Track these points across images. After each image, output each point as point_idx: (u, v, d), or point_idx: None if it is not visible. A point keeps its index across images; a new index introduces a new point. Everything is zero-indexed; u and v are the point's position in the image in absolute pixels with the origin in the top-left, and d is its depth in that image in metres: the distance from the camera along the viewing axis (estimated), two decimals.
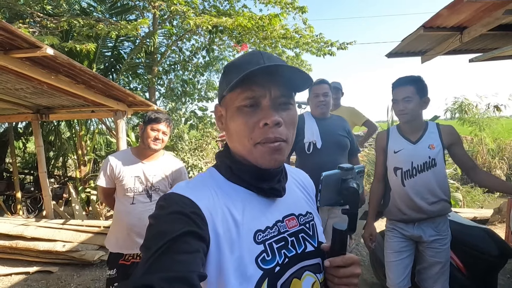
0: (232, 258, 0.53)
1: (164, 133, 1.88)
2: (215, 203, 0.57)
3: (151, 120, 1.86)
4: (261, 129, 0.57)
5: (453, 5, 2.33)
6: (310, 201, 0.72)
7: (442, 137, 1.65)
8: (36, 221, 3.90)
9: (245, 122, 0.57)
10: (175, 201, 0.54)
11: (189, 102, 6.16)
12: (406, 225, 1.70)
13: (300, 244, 0.62)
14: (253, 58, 0.59)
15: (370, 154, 6.24)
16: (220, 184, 0.62)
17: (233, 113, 0.59)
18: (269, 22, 4.91)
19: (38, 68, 2.53)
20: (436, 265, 1.64)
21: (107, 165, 1.88)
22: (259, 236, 0.57)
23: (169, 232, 0.48)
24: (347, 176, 0.66)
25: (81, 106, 3.87)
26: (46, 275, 3.24)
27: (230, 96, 0.60)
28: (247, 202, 0.60)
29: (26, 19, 4.35)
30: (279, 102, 0.58)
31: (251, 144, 0.58)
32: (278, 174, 0.64)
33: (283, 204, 0.64)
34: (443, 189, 1.65)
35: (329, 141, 2.07)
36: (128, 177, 1.85)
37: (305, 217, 0.66)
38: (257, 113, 0.57)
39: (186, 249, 0.47)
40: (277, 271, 0.56)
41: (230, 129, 0.61)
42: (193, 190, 0.57)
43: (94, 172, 5.48)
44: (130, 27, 3.95)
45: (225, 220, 0.56)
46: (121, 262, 1.87)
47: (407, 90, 1.62)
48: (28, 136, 5.88)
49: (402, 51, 3.47)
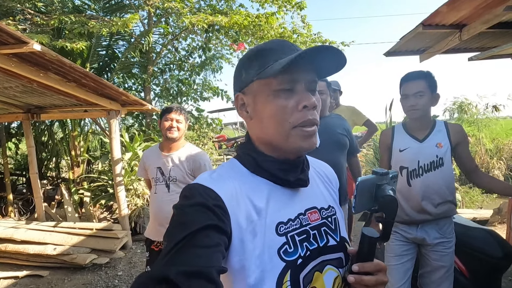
0: (254, 250, 0.53)
1: (178, 121, 1.97)
2: (237, 196, 0.57)
3: (163, 111, 2.01)
4: (300, 112, 0.57)
5: (452, 2, 2.28)
6: (334, 195, 0.71)
7: (451, 135, 1.58)
8: (27, 223, 3.80)
9: (284, 105, 0.57)
10: (199, 192, 0.54)
11: (185, 102, 6.08)
12: (409, 227, 1.63)
13: (322, 237, 0.62)
14: (284, 43, 0.61)
15: (368, 154, 6.20)
16: (243, 176, 0.62)
17: (266, 97, 0.59)
18: (266, 20, 4.85)
19: (26, 65, 2.45)
20: (441, 269, 1.57)
21: (142, 158, 2.15)
22: (281, 228, 0.57)
23: (191, 224, 0.49)
24: (382, 181, 0.64)
25: (73, 106, 3.78)
26: (36, 279, 3.15)
27: (264, 82, 0.59)
28: (271, 194, 0.60)
29: (16, 16, 4.25)
30: (310, 87, 0.60)
31: (289, 128, 0.58)
32: (301, 164, 0.64)
33: (306, 197, 0.64)
34: (450, 190, 1.58)
35: (328, 140, 2.00)
36: (152, 168, 2.03)
37: (327, 211, 0.66)
38: (293, 96, 0.58)
39: (206, 243, 0.48)
40: (300, 263, 0.56)
41: (263, 115, 0.60)
42: (217, 181, 0.58)
43: (88, 173, 5.37)
44: (120, 23, 3.86)
45: (248, 213, 0.56)
46: (152, 247, 2.03)
47: (418, 84, 1.54)
48: (20, 136, 5.76)
49: (400, 50, 3.43)
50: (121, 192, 3.76)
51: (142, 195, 4.30)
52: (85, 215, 4.48)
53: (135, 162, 4.48)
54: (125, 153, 4.48)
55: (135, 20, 4.03)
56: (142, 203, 4.20)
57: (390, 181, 0.65)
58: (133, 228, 4.07)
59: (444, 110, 7.85)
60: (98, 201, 4.43)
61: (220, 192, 0.55)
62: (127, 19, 3.94)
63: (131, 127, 6.26)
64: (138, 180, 4.29)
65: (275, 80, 0.58)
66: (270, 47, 0.60)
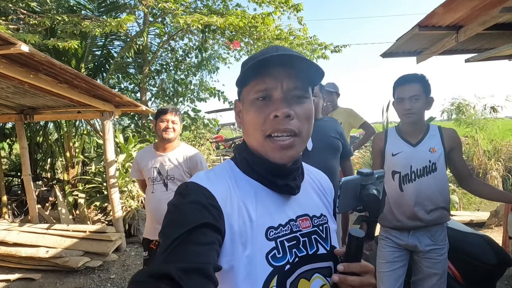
0: (244, 252, 0.53)
1: (173, 122, 2.02)
2: (232, 197, 0.57)
3: (159, 113, 2.04)
4: (271, 121, 0.57)
5: (449, 3, 2.25)
6: (327, 205, 0.71)
7: (444, 140, 1.55)
8: (20, 225, 3.76)
9: (257, 115, 0.58)
10: (194, 191, 0.55)
11: (181, 103, 6.05)
12: (401, 233, 1.60)
13: (312, 245, 0.61)
14: (269, 50, 0.60)
15: (365, 156, 6.17)
16: (236, 177, 0.62)
17: (248, 106, 0.61)
18: (262, 21, 4.81)
19: (15, 66, 2.41)
20: (433, 277, 1.54)
21: (135, 160, 2.17)
22: (271, 233, 0.57)
23: (187, 222, 0.49)
24: (367, 181, 0.64)
25: (67, 107, 3.74)
26: (28, 283, 3.11)
27: (246, 90, 0.61)
28: (260, 196, 0.60)
29: (8, 16, 4.20)
30: (292, 95, 0.58)
31: (262, 137, 0.58)
32: (294, 172, 0.63)
33: (297, 203, 0.64)
34: (444, 196, 1.55)
35: (321, 143, 1.97)
36: (148, 168, 2.06)
37: (319, 219, 0.66)
38: (269, 105, 0.58)
39: (203, 240, 0.48)
40: (287, 269, 0.56)
41: (245, 122, 0.62)
42: (212, 181, 0.58)
43: (83, 175, 5.33)
44: (114, 24, 3.82)
45: (241, 214, 0.56)
46: (151, 246, 2.09)
47: (414, 88, 1.51)
48: (14, 137, 5.71)
49: (397, 51, 3.40)
50: (115, 194, 3.72)
51: (136, 197, 4.26)
52: (79, 217, 4.44)
53: (129, 163, 4.44)
54: (119, 154, 4.45)
55: (130, 21, 3.98)
56: (136, 205, 4.17)
57: (376, 182, 0.65)
58: (127, 231, 4.03)
59: (442, 111, 7.83)
60: (92, 203, 4.39)
61: (214, 192, 0.55)
62: (121, 20, 3.90)
63: (127, 128, 6.22)
64: (133, 182, 4.25)
65: (252, 89, 0.59)
66: (254, 56, 0.61)
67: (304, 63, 0.56)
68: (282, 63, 0.56)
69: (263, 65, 0.55)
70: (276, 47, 0.61)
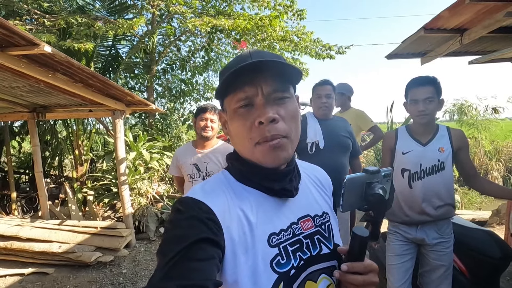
0: (247, 262, 0.53)
1: (212, 120, 2.08)
2: (230, 208, 0.56)
3: (198, 111, 2.11)
4: (257, 128, 0.56)
5: (454, 7, 2.33)
6: (327, 199, 0.70)
7: (453, 141, 1.63)
8: (32, 221, 3.84)
9: (242, 124, 0.58)
10: (190, 206, 0.54)
11: (187, 102, 6.13)
12: (409, 227, 1.68)
13: (315, 246, 0.61)
14: (242, 58, 0.59)
15: (369, 155, 6.25)
16: (233, 187, 0.61)
17: (231, 116, 0.60)
18: (269, 23, 4.89)
19: (35, 66, 2.49)
20: (440, 269, 1.62)
21: (174, 156, 2.22)
22: (273, 239, 0.56)
23: (185, 238, 0.49)
24: (373, 180, 0.61)
25: (78, 105, 3.82)
26: (41, 277, 3.19)
27: (227, 100, 0.60)
28: (259, 204, 0.59)
29: (22, 17, 4.28)
30: (274, 98, 0.57)
31: (251, 145, 0.58)
32: (290, 174, 0.62)
33: (297, 205, 0.63)
34: (450, 193, 1.63)
35: (332, 142, 2.06)
36: (187, 165, 2.11)
37: (321, 218, 0.65)
38: (252, 112, 0.57)
39: (202, 256, 0.48)
40: (292, 274, 0.55)
41: (232, 132, 0.62)
42: (209, 194, 0.57)
43: (91, 172, 5.41)
44: (125, 26, 3.90)
45: (240, 224, 0.55)
46: None
47: (428, 90, 1.57)
48: (23, 135, 5.80)
49: (402, 53, 3.47)
50: (125, 191, 3.80)
51: (145, 194, 4.35)
52: (88, 214, 4.52)
53: (139, 161, 4.53)
54: (129, 152, 4.53)
55: (140, 22, 4.07)
56: (145, 202, 4.25)
57: (383, 180, 0.63)
58: (137, 227, 4.12)
59: (444, 111, 7.90)
60: (101, 200, 4.47)
61: (212, 205, 0.54)
62: (133, 22, 3.98)
63: (134, 127, 6.30)
64: (142, 180, 4.33)
65: (233, 99, 0.58)
66: (229, 65, 0.60)
67: (277, 65, 0.55)
68: (256, 69, 0.55)
69: (239, 74, 0.55)
70: (250, 52, 0.60)
